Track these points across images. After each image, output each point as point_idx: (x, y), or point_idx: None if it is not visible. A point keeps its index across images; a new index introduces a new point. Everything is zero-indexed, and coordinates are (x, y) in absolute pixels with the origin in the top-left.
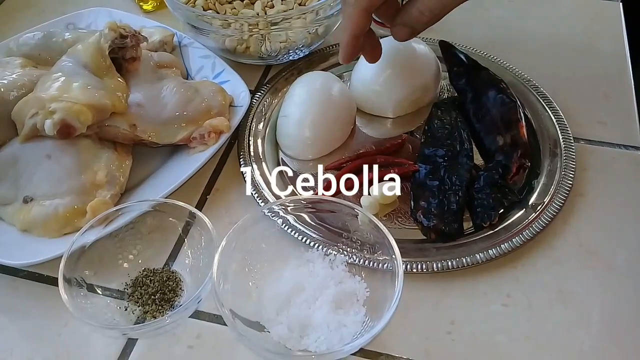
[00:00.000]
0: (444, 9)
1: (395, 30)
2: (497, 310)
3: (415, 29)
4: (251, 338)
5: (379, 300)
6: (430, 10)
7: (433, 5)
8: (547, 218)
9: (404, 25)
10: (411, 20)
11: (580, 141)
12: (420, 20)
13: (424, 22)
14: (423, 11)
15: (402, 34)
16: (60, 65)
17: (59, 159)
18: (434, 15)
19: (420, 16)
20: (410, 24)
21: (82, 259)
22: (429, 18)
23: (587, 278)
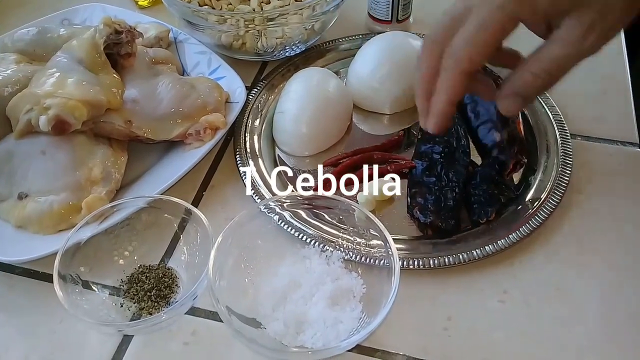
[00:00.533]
0: (562, 68)
1: (504, 103)
2: (494, 306)
3: (527, 96)
4: (247, 335)
5: (375, 297)
6: (546, 71)
7: (550, 65)
8: (544, 214)
9: (515, 94)
10: (523, 87)
11: (577, 137)
12: (534, 84)
13: (539, 86)
14: (538, 74)
15: (513, 106)
16: (55, 60)
17: (54, 155)
18: (552, 77)
19: (535, 80)
20: (522, 91)
21: (77, 256)
22: (545, 81)
23: (585, 275)
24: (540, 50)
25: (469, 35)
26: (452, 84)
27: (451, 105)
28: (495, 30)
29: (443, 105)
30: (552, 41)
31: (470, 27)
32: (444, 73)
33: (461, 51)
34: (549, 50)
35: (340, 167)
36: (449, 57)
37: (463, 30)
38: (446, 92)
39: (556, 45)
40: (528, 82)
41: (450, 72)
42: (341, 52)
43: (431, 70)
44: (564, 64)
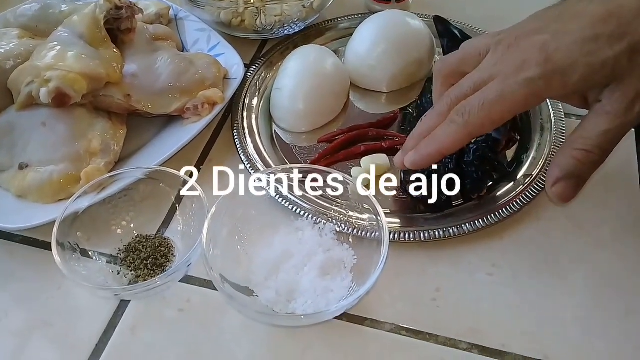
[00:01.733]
0: (613, 141)
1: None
2: (482, 279)
3: (582, 177)
4: (241, 301)
5: (366, 267)
6: (598, 146)
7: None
8: (535, 190)
9: (569, 176)
10: (576, 166)
11: (572, 117)
12: (588, 161)
13: (592, 162)
14: (590, 150)
15: (569, 191)
16: (56, 35)
17: (54, 127)
18: (603, 151)
19: (588, 156)
20: (576, 172)
21: (75, 224)
22: (598, 156)
23: (572, 249)
24: (585, 127)
25: (488, 102)
26: (452, 140)
27: (440, 156)
28: (516, 103)
29: (433, 152)
30: (597, 115)
31: (492, 94)
32: (449, 125)
33: (475, 115)
34: (595, 124)
35: (335, 144)
36: (460, 114)
37: (484, 93)
38: (443, 143)
39: (603, 120)
40: (581, 160)
41: (456, 128)
42: (340, 31)
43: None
44: (614, 136)
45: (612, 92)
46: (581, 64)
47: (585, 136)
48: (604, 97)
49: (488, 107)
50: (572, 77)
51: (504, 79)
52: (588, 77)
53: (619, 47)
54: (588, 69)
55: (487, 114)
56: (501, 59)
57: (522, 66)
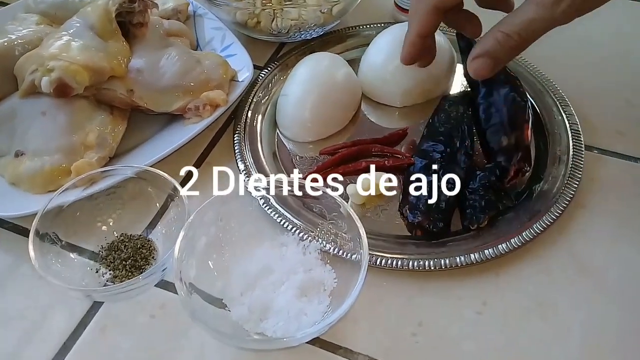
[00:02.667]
0: (534, 32)
1: (475, 64)
2: (469, 316)
3: (498, 58)
4: (206, 318)
5: (345, 292)
6: (518, 32)
7: (521, 26)
8: (541, 227)
9: (486, 54)
10: (494, 47)
11: (594, 150)
12: (506, 44)
13: (510, 47)
14: (510, 34)
15: (483, 67)
16: (68, 24)
17: (53, 117)
18: (522, 40)
19: (506, 40)
20: (492, 51)
21: (60, 217)
22: (516, 43)
23: (572, 293)
24: (514, 12)
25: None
26: (421, 16)
27: (419, 37)
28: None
29: (412, 37)
30: (526, 3)
31: None
32: (416, 5)
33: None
34: (522, 12)
35: (335, 158)
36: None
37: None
38: (416, 24)
39: (531, 8)
40: (500, 42)
41: (423, 5)
42: (362, 38)
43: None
44: (536, 27)
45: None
46: None
47: (510, 22)
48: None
49: None
50: None
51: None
52: None
53: None
54: None
55: None
56: None
57: None
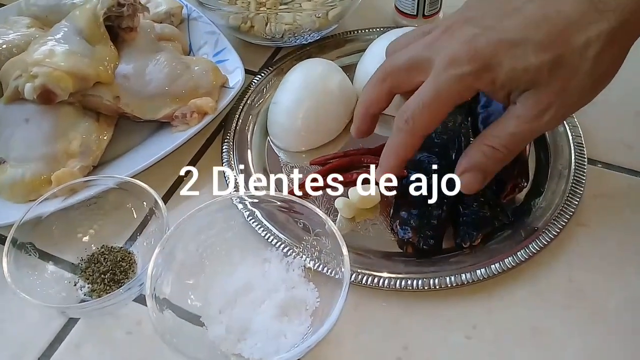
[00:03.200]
0: (519, 143)
1: (465, 178)
2: (458, 341)
3: (487, 171)
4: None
5: (327, 313)
6: (504, 146)
7: (507, 140)
8: (537, 246)
9: (475, 169)
10: (482, 161)
11: (598, 164)
12: (494, 158)
13: (498, 159)
14: (497, 148)
15: (474, 182)
16: (56, 28)
17: (36, 124)
18: (509, 152)
19: (494, 154)
20: (480, 166)
21: (38, 228)
22: (504, 155)
23: (569, 319)
24: (497, 125)
25: (425, 102)
26: (406, 146)
27: (403, 163)
28: (451, 98)
29: (395, 164)
30: (509, 117)
31: (427, 94)
32: (399, 134)
33: (418, 118)
34: (505, 125)
35: (325, 169)
36: (405, 120)
37: (420, 95)
38: (399, 152)
39: (512, 122)
40: (487, 155)
41: (405, 135)
42: (361, 43)
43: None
44: (521, 139)
45: (526, 98)
46: (506, 66)
47: (495, 134)
48: (519, 101)
49: (428, 107)
50: (499, 75)
51: (436, 76)
52: (513, 79)
53: (543, 57)
54: (512, 72)
55: (429, 113)
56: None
57: (452, 62)
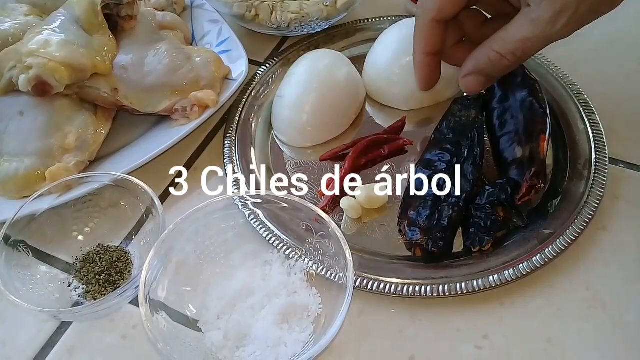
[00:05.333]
0: (529, 50)
1: (466, 81)
2: (468, 351)
3: (490, 76)
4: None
5: (330, 320)
6: (512, 52)
7: (516, 46)
8: (554, 252)
9: (478, 72)
10: (487, 66)
11: (620, 164)
12: (499, 64)
13: (503, 67)
14: (504, 54)
15: (474, 84)
16: (53, 17)
17: (31, 117)
18: (517, 59)
19: (500, 60)
20: (485, 70)
21: (32, 226)
22: (510, 62)
23: (586, 330)
24: (507, 29)
25: None
26: (422, 32)
27: (426, 55)
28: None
29: (419, 55)
30: (520, 20)
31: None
32: (416, 21)
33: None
34: (516, 29)
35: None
36: (420, 5)
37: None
38: (419, 41)
39: (525, 26)
40: (493, 62)
41: (421, 20)
42: (371, 33)
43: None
44: (531, 45)
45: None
46: None
47: (505, 39)
48: (533, 2)
49: None
50: None
51: None
52: None
53: None
54: None
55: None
56: None
57: None
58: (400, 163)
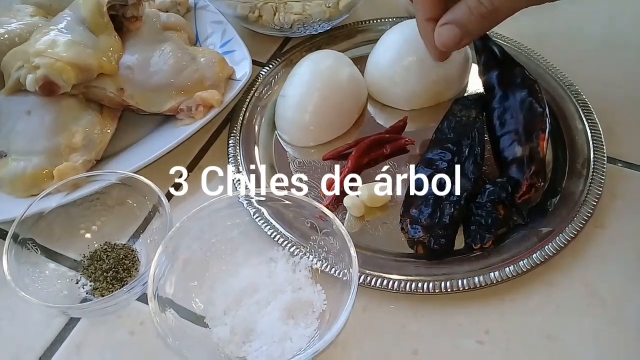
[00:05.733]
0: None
1: (440, 31)
2: (469, 346)
3: (467, 28)
4: (184, 341)
5: (334, 315)
6: (491, 2)
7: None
8: (553, 249)
9: (454, 23)
10: (464, 16)
11: (618, 163)
12: (477, 12)
13: (481, 15)
14: (484, 2)
15: (448, 36)
16: (59, 18)
17: (38, 116)
18: (495, 9)
19: (478, 7)
20: (461, 20)
21: (40, 224)
22: (488, 10)
23: (585, 326)
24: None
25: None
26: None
27: (429, 22)
28: None
29: (421, 23)
30: None
31: None
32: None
33: None
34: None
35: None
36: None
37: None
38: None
39: None
40: (470, 8)
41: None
42: (373, 34)
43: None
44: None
45: None
46: None
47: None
48: None
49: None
50: None
51: None
52: None
53: None
54: None
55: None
56: None
57: None
58: (402, 162)
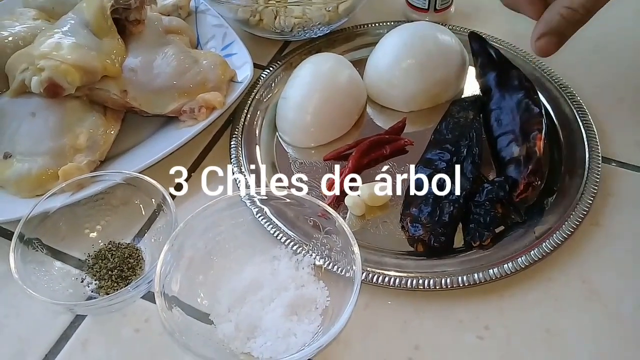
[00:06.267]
0: (598, 3)
1: (540, 43)
2: (470, 341)
3: (563, 34)
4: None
5: (338, 312)
6: (583, 5)
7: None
8: (551, 246)
9: (551, 33)
10: (559, 24)
11: (612, 162)
12: (571, 19)
13: (576, 21)
14: (575, 8)
15: (548, 45)
16: (62, 21)
17: (43, 118)
18: (588, 12)
19: (572, 15)
20: (558, 29)
21: (45, 223)
22: (582, 15)
23: (583, 321)
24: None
25: None
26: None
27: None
28: None
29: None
30: None
31: None
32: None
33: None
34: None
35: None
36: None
37: None
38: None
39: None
40: (565, 17)
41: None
42: (371, 37)
43: None
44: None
45: None
46: None
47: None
48: None
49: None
50: None
51: None
52: None
53: None
54: None
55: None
56: None
57: None
58: (401, 163)
